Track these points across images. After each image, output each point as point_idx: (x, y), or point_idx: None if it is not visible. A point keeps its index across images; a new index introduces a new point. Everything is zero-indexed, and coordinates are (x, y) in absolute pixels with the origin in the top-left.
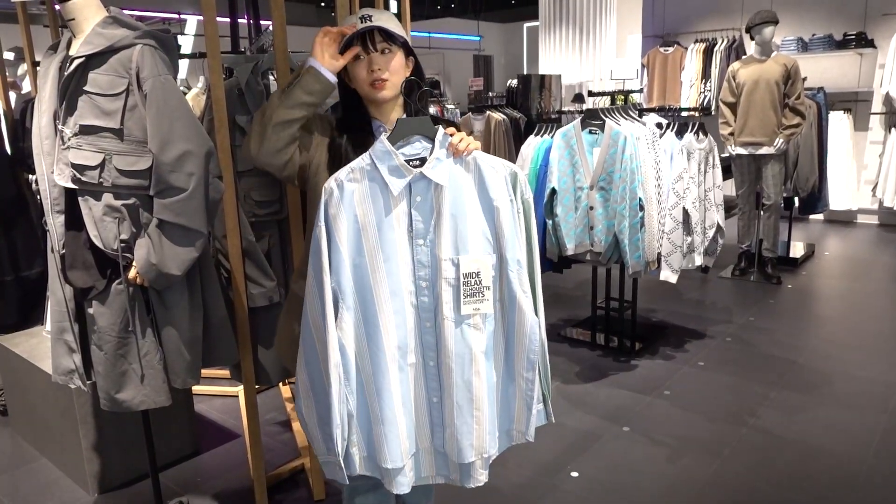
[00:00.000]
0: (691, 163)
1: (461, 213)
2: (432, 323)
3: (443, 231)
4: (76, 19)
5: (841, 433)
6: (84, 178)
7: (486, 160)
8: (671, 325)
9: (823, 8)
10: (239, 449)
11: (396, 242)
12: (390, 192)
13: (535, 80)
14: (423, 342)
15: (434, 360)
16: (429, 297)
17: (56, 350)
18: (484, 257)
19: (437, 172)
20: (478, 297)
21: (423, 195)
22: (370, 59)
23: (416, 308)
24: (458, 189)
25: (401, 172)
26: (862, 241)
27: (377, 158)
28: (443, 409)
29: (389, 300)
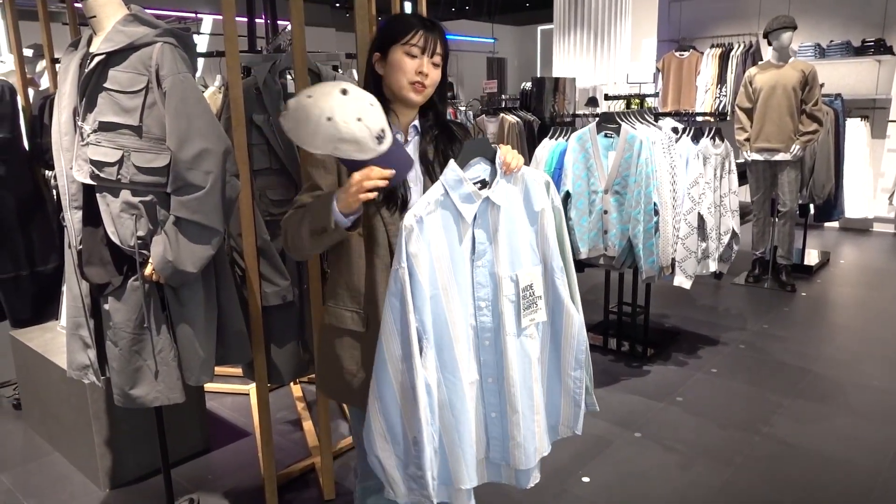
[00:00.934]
0: (707, 168)
1: (513, 229)
2: (491, 341)
3: (500, 249)
4: (97, 17)
5: (855, 443)
6: (102, 175)
7: (529, 173)
8: (684, 331)
9: (842, 14)
10: (250, 447)
11: (464, 268)
12: (462, 219)
13: (549, 83)
14: (482, 361)
15: (493, 377)
16: (488, 317)
17: (71, 345)
18: (534, 269)
19: (497, 194)
20: (533, 308)
21: (482, 217)
22: (422, 62)
23: (475, 329)
24: (510, 205)
25: (471, 199)
26: (877, 250)
27: (450, 187)
28: (504, 423)
29: (461, 326)
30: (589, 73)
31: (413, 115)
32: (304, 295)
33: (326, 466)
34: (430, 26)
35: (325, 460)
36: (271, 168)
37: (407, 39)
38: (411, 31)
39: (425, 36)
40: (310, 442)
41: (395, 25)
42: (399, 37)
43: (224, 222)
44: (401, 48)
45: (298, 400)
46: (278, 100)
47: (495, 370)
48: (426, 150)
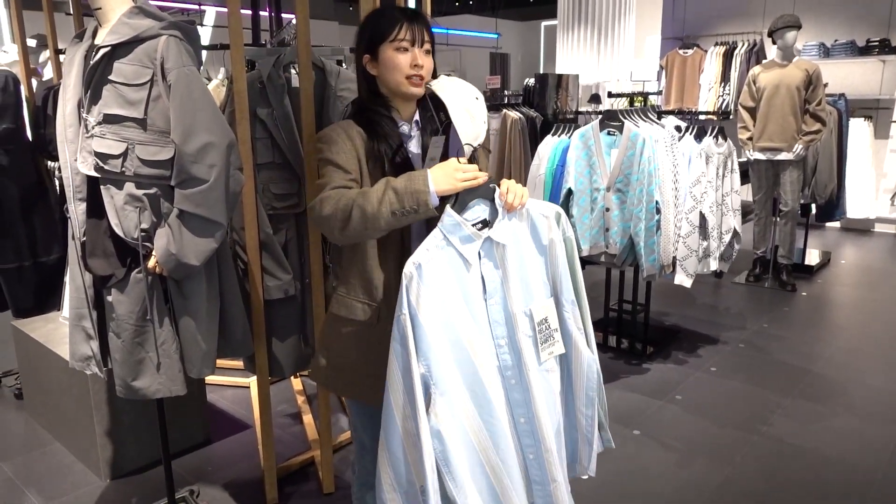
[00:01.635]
0: (709, 167)
1: (522, 264)
2: (517, 380)
3: (511, 286)
4: (103, 9)
5: (855, 442)
6: (107, 167)
7: (535, 208)
8: (684, 330)
9: (846, 14)
10: (249, 440)
11: (479, 308)
12: (466, 260)
13: (553, 79)
14: (511, 400)
15: (525, 416)
16: (508, 354)
17: (74, 336)
18: (547, 302)
19: (499, 233)
20: (551, 342)
21: (488, 256)
22: (414, 55)
23: (499, 369)
24: (517, 242)
25: (472, 239)
26: (879, 250)
27: (448, 232)
28: (541, 464)
29: (489, 367)
30: (592, 70)
31: (413, 108)
32: (306, 289)
33: (326, 460)
34: (412, 16)
35: (324, 454)
36: (274, 162)
37: (394, 35)
38: (396, 26)
39: (411, 27)
40: (309, 435)
41: (378, 24)
42: (386, 34)
43: (227, 216)
44: (390, 45)
45: (299, 393)
46: (282, 94)
47: (525, 409)
48: (428, 144)
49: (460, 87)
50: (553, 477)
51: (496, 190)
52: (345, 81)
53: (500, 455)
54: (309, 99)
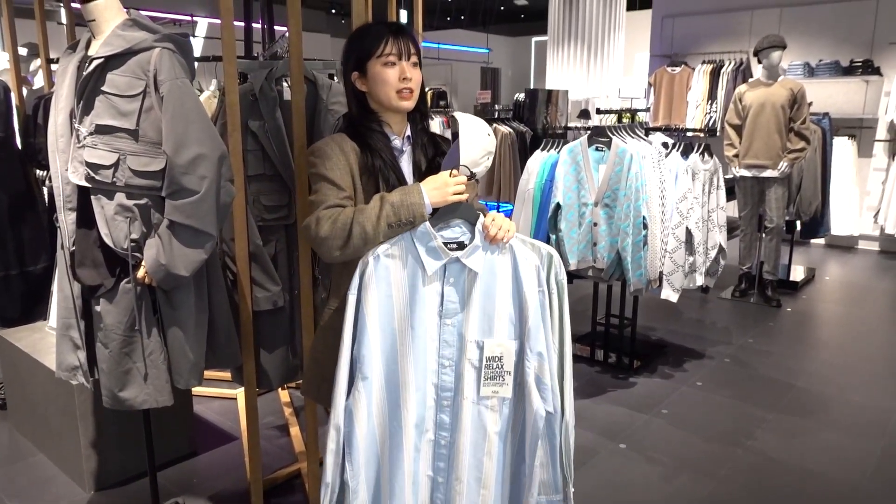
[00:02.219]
0: (696, 183)
1: (491, 297)
2: (450, 402)
3: (471, 313)
4: (97, 20)
5: (838, 457)
6: (98, 177)
7: (521, 249)
8: (670, 344)
9: (831, 34)
10: (236, 451)
11: (426, 320)
12: (424, 270)
13: (542, 94)
14: (439, 420)
15: (446, 440)
16: (450, 377)
17: (61, 346)
18: (508, 343)
19: (472, 259)
20: (497, 381)
21: (456, 277)
22: (402, 68)
23: (436, 387)
24: (491, 274)
25: (437, 254)
26: (862, 267)
27: (416, 238)
28: (447, 489)
29: (413, 376)
30: (582, 86)
31: (404, 123)
32: (295, 301)
33: (313, 472)
34: (396, 30)
35: (311, 466)
36: (265, 174)
37: (381, 50)
38: (382, 41)
39: (397, 41)
40: (296, 447)
41: (364, 41)
42: (373, 50)
43: (218, 227)
44: (377, 61)
45: (286, 405)
46: (274, 106)
47: (450, 434)
48: (419, 160)
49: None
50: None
51: (480, 217)
52: (336, 95)
53: (390, 459)
54: (300, 112)
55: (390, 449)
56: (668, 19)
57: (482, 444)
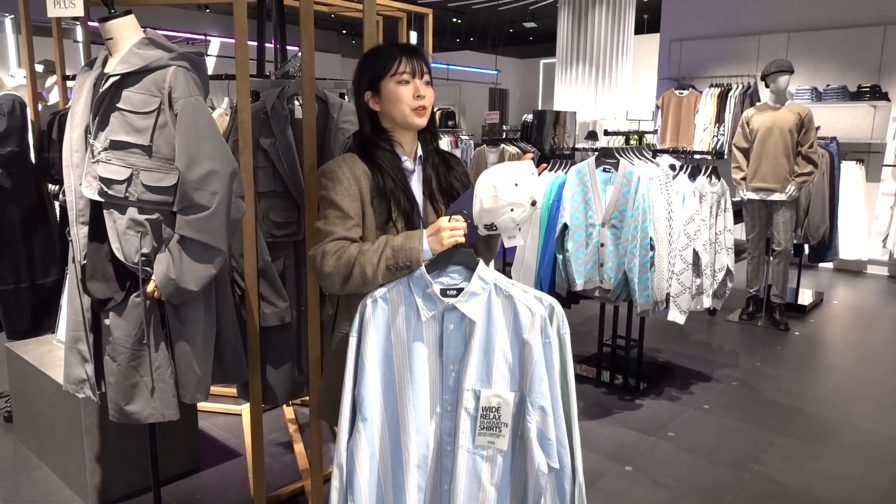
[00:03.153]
0: (703, 205)
1: (491, 347)
2: (452, 447)
3: (470, 361)
4: (114, 38)
5: (846, 484)
6: (111, 192)
7: (521, 298)
8: (677, 366)
9: (839, 60)
10: (240, 468)
11: (426, 365)
12: (419, 316)
13: (550, 115)
14: (442, 465)
15: (449, 485)
16: (452, 422)
17: (69, 359)
18: (507, 394)
19: (469, 306)
20: (494, 432)
21: (456, 324)
22: (416, 86)
23: (439, 430)
24: (490, 323)
25: (433, 301)
26: (871, 292)
27: (413, 284)
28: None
29: (413, 419)
30: (589, 108)
31: (416, 142)
32: (302, 317)
33: (317, 490)
34: (409, 50)
35: (315, 483)
36: (275, 191)
37: (395, 70)
38: (395, 60)
39: (410, 61)
40: (300, 464)
41: (377, 60)
42: (386, 69)
43: (228, 242)
44: (391, 80)
45: (291, 422)
46: (285, 125)
47: (449, 479)
48: (430, 178)
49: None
50: None
51: (481, 263)
52: (347, 114)
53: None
54: (312, 130)
55: (393, 490)
56: (675, 43)
57: (476, 493)
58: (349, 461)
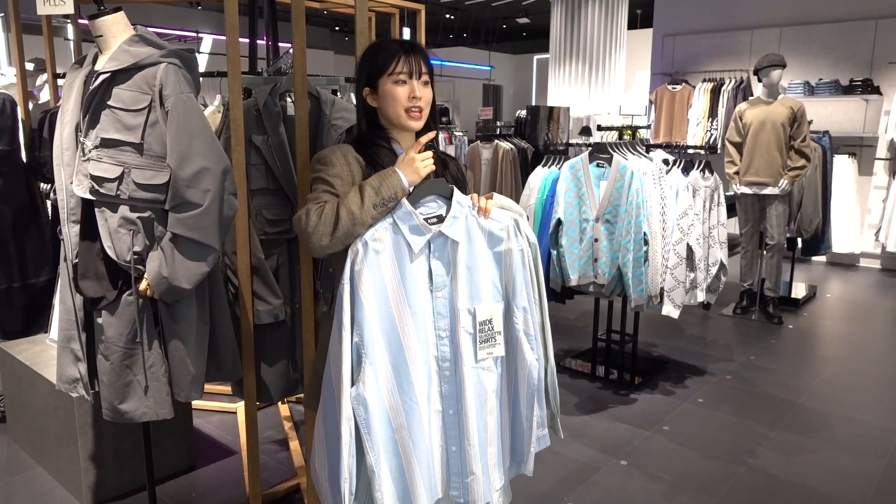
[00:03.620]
0: (696, 200)
1: (474, 264)
2: (451, 372)
3: (459, 283)
4: (104, 36)
5: (840, 476)
6: (102, 190)
7: (495, 213)
8: (671, 361)
9: (831, 54)
10: (235, 465)
11: (420, 296)
12: (412, 249)
13: (544, 111)
14: (443, 391)
15: (454, 409)
16: (448, 347)
17: (62, 358)
18: (494, 305)
19: (453, 230)
20: (491, 343)
21: (440, 251)
22: (412, 87)
23: (436, 359)
24: (471, 243)
25: (421, 231)
26: (864, 285)
27: (399, 220)
28: (462, 456)
29: (418, 352)
30: (583, 103)
31: (412, 137)
32: (296, 314)
33: (312, 487)
34: (409, 48)
35: (310, 481)
36: (268, 188)
37: (392, 68)
38: (394, 59)
39: (408, 60)
40: (296, 462)
41: (376, 57)
42: (384, 68)
43: (220, 240)
44: (388, 79)
45: (286, 419)
46: (278, 121)
47: (456, 402)
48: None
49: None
50: (471, 469)
51: (456, 190)
52: (339, 110)
53: (412, 437)
54: (304, 127)
55: (409, 428)
56: (668, 38)
57: (484, 405)
58: (361, 410)
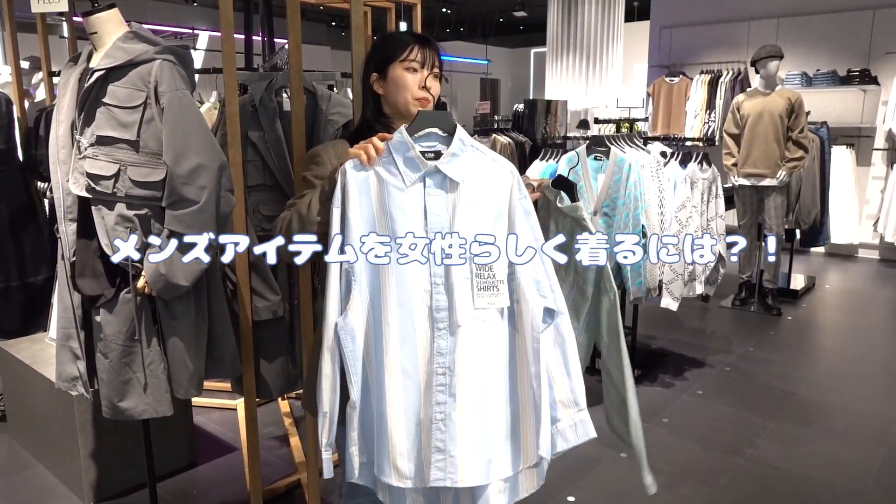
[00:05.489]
0: (694, 192)
1: (475, 206)
2: (446, 324)
3: (457, 225)
4: (98, 33)
5: (839, 466)
6: (98, 188)
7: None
8: (671, 353)
9: (828, 45)
10: (235, 462)
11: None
12: (403, 180)
13: (542, 105)
14: (436, 348)
15: (444, 367)
16: (444, 295)
17: (61, 356)
18: (495, 251)
19: (451, 168)
20: (492, 291)
21: (439, 187)
22: (423, 76)
23: (430, 308)
24: (472, 184)
25: (415, 164)
26: (862, 276)
27: (394, 148)
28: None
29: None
30: (581, 97)
31: None
32: (295, 310)
33: (312, 483)
34: (424, 41)
35: (311, 476)
36: (265, 184)
37: (406, 56)
38: (408, 47)
39: (423, 50)
40: (296, 458)
41: (391, 44)
42: (397, 54)
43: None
44: (400, 65)
45: (286, 415)
46: (274, 117)
47: (447, 358)
48: None
49: None
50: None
51: (457, 125)
52: (335, 106)
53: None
54: (300, 123)
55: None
56: (665, 30)
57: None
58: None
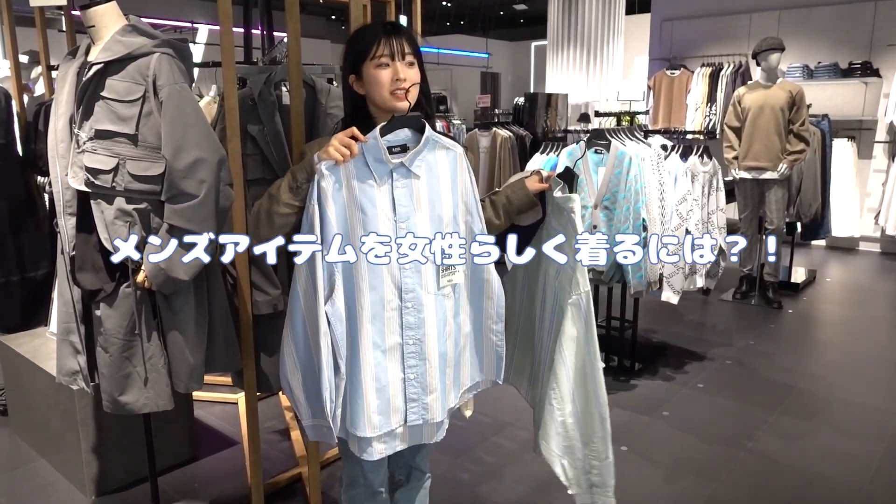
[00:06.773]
0: (695, 185)
1: (437, 196)
2: (414, 303)
3: (422, 214)
4: (96, 26)
5: (839, 460)
6: (97, 182)
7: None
8: (671, 346)
9: (829, 37)
10: (236, 456)
11: (380, 225)
12: (374, 177)
13: (542, 98)
14: (405, 323)
15: (414, 338)
16: (411, 278)
17: (61, 351)
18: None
19: (416, 163)
20: (451, 271)
21: (404, 181)
22: (395, 69)
23: (399, 289)
24: (434, 176)
25: (384, 164)
26: (863, 269)
27: (366, 149)
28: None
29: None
30: (581, 90)
31: None
32: None
33: (313, 476)
34: (391, 30)
35: (312, 470)
36: (265, 178)
37: (373, 53)
38: (375, 42)
39: (389, 42)
40: (297, 451)
41: (358, 43)
42: (366, 53)
43: (217, 231)
44: (371, 63)
45: (287, 409)
46: (273, 111)
47: (416, 332)
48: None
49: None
50: (431, 387)
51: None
52: (335, 99)
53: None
54: (299, 116)
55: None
56: (666, 23)
57: (444, 329)
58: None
